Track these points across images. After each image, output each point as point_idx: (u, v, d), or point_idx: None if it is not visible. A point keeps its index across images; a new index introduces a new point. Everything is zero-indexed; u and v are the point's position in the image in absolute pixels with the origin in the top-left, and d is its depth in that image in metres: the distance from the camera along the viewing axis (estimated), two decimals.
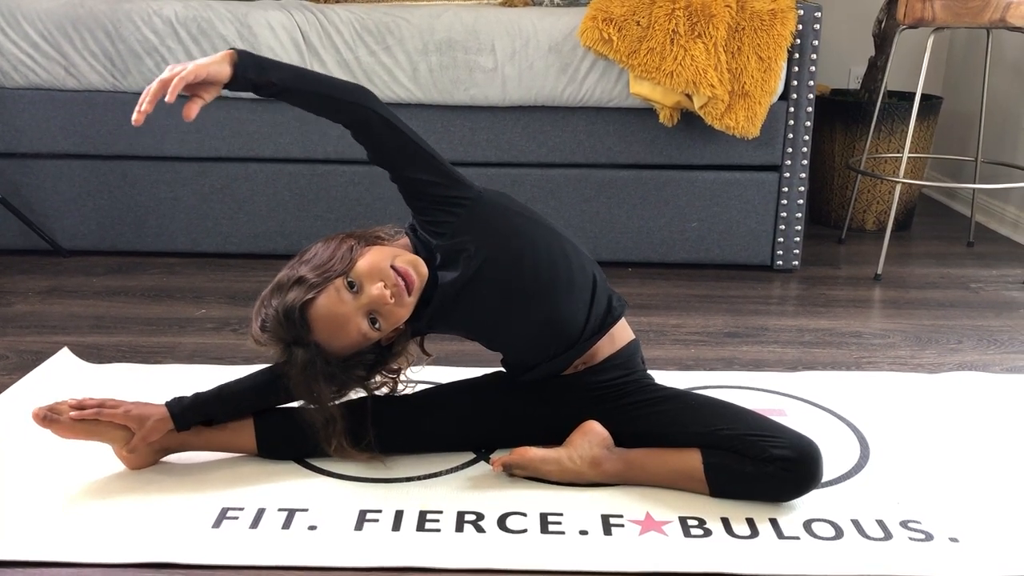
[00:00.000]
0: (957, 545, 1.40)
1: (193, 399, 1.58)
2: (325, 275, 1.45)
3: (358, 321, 1.46)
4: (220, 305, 2.46)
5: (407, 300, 1.48)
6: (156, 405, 1.56)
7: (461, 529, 1.43)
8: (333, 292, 1.44)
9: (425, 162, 1.51)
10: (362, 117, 1.49)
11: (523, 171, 2.78)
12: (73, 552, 1.36)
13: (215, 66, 1.41)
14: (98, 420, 1.52)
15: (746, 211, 2.77)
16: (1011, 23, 2.57)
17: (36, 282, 2.62)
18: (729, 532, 1.42)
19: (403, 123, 1.51)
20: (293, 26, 2.66)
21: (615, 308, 1.61)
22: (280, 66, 1.49)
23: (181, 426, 1.57)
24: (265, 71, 1.45)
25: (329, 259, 1.47)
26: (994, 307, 2.53)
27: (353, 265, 1.46)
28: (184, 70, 1.40)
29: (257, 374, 1.60)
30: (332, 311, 1.44)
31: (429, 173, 1.51)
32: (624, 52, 2.58)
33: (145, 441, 1.55)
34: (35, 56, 2.69)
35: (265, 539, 1.40)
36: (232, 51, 1.43)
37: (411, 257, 1.50)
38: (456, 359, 1.93)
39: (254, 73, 1.44)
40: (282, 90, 1.46)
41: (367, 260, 1.47)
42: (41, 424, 1.51)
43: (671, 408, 1.57)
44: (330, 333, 1.46)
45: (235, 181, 2.79)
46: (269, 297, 1.49)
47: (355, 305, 1.45)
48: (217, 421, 1.60)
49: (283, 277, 1.49)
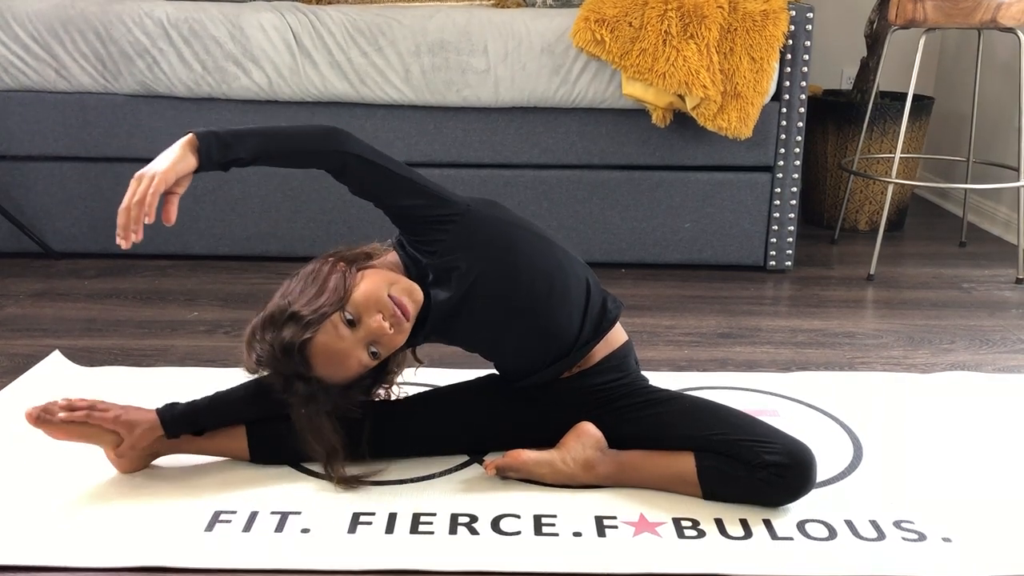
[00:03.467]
0: (950, 545, 1.41)
1: (185, 408, 1.56)
2: (321, 312, 1.41)
3: (358, 354, 1.44)
4: (212, 307, 2.45)
5: (405, 327, 1.47)
6: (147, 411, 1.55)
7: (455, 531, 1.43)
8: (331, 328, 1.42)
9: (408, 189, 1.49)
10: (338, 163, 1.48)
11: (516, 172, 2.78)
12: (65, 556, 1.35)
13: (180, 164, 1.39)
14: (88, 423, 1.51)
15: (739, 212, 2.78)
16: (1002, 24, 2.58)
17: (27, 285, 2.61)
18: (723, 533, 1.42)
19: (379, 153, 1.49)
20: (285, 27, 2.66)
21: (610, 311, 1.60)
22: (243, 136, 1.44)
23: (171, 434, 1.56)
24: (230, 148, 1.41)
25: (321, 291, 1.44)
26: (986, 307, 2.53)
27: (349, 297, 1.43)
28: (152, 184, 1.37)
29: (251, 384, 1.58)
30: (332, 348, 1.42)
31: (412, 197, 1.49)
32: (616, 53, 2.59)
33: (134, 449, 1.54)
34: (25, 58, 2.68)
35: (258, 542, 1.39)
36: (192, 136, 1.40)
37: (407, 284, 1.48)
38: (450, 362, 1.93)
39: (219, 155, 1.41)
40: (252, 160, 1.44)
41: (363, 291, 1.44)
42: (33, 424, 1.50)
43: (665, 411, 1.56)
44: (331, 369, 1.44)
45: (227, 183, 2.78)
46: (262, 330, 1.45)
47: (354, 340, 1.43)
48: (208, 431, 1.59)
49: (276, 310, 1.45)
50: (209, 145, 1.40)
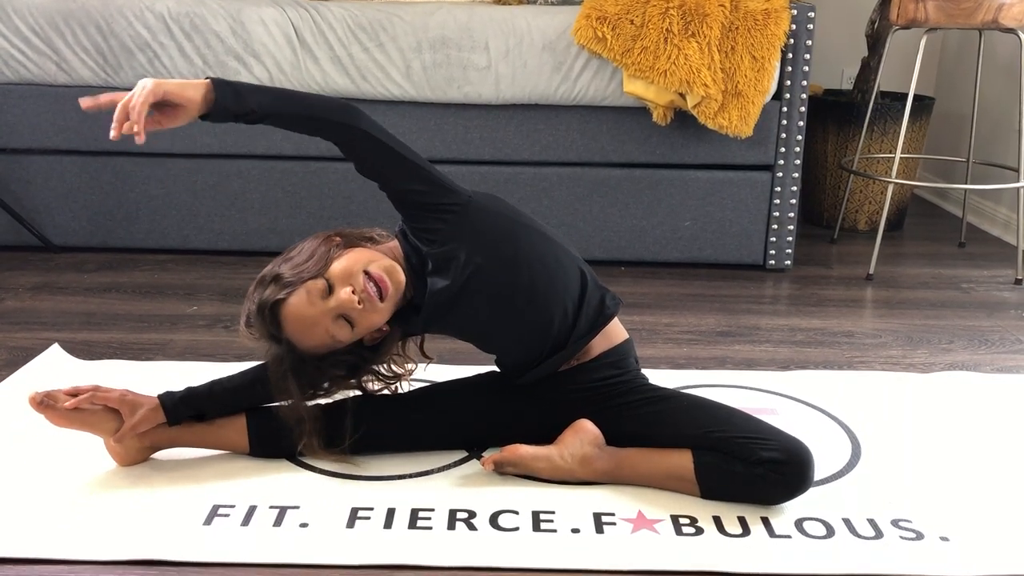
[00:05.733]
0: (947, 544, 1.41)
1: (185, 393, 1.57)
2: (300, 275, 1.46)
3: (326, 323, 1.47)
4: (212, 302, 2.45)
5: (379, 306, 1.48)
6: (149, 396, 1.56)
7: (453, 527, 1.43)
8: (304, 293, 1.45)
9: (413, 172, 1.51)
10: (347, 136, 1.48)
11: (516, 169, 2.78)
12: (64, 549, 1.35)
13: (180, 88, 1.37)
14: (92, 408, 1.51)
15: (739, 210, 2.78)
16: (1003, 24, 2.58)
17: (27, 278, 2.61)
18: (721, 531, 1.42)
19: (389, 135, 1.50)
20: (286, 22, 2.65)
21: (608, 307, 1.60)
22: (259, 90, 1.45)
23: (173, 420, 1.56)
24: (244, 98, 1.41)
25: (308, 258, 1.49)
26: (985, 307, 2.53)
27: (328, 267, 1.47)
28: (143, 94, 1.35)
29: (250, 371, 1.60)
30: (300, 312, 1.46)
31: (417, 183, 1.51)
32: (618, 51, 2.58)
33: (134, 430, 1.54)
34: (26, 51, 2.68)
35: (256, 536, 1.40)
36: (208, 81, 1.40)
37: (387, 263, 1.50)
38: (449, 358, 1.93)
39: (232, 102, 1.41)
40: (264, 116, 1.44)
41: (341, 263, 1.48)
42: (36, 408, 1.50)
43: (663, 409, 1.57)
44: (299, 332, 1.48)
45: (227, 178, 2.78)
46: (252, 292, 1.51)
47: (323, 308, 1.46)
48: (208, 416, 1.59)
49: (266, 272, 1.51)
50: (224, 92, 1.40)
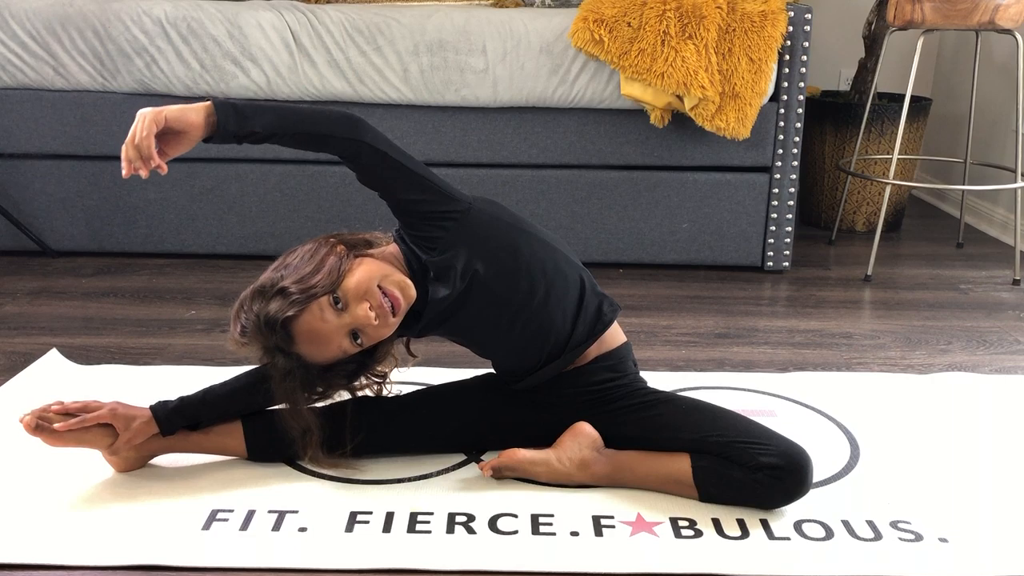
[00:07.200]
0: (946, 545, 1.41)
1: (178, 403, 1.56)
2: (311, 292, 1.41)
3: (340, 339, 1.45)
4: (210, 306, 2.45)
5: (391, 321, 1.47)
6: (141, 408, 1.55)
7: (452, 530, 1.43)
8: (316, 310, 1.42)
9: (414, 182, 1.49)
10: (353, 150, 1.47)
11: (514, 172, 2.78)
12: (62, 554, 1.35)
13: (179, 114, 1.37)
14: (84, 427, 1.49)
15: (737, 212, 2.78)
16: (1000, 25, 2.59)
17: (24, 283, 2.61)
18: (720, 533, 1.42)
19: (392, 145, 1.49)
20: (283, 26, 2.65)
21: (605, 314, 1.60)
22: (261, 109, 1.43)
23: (166, 431, 1.55)
24: (246, 119, 1.40)
25: (315, 271, 1.44)
26: (983, 308, 2.54)
27: (341, 281, 1.43)
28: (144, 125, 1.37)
29: (243, 376, 1.59)
30: (315, 328, 1.43)
31: (417, 193, 1.49)
32: (615, 53, 2.59)
33: (130, 444, 1.53)
34: (23, 56, 2.68)
35: (255, 541, 1.39)
36: (209, 103, 1.39)
37: (400, 278, 1.48)
38: (446, 361, 1.93)
39: (235, 125, 1.39)
40: (268, 136, 1.42)
41: (356, 278, 1.44)
42: (31, 433, 1.48)
43: (662, 412, 1.56)
44: (311, 348, 1.45)
45: (225, 182, 2.78)
46: (250, 301, 1.45)
47: (338, 324, 1.43)
48: (203, 425, 1.59)
49: (267, 282, 1.45)
50: (226, 113, 1.39)
